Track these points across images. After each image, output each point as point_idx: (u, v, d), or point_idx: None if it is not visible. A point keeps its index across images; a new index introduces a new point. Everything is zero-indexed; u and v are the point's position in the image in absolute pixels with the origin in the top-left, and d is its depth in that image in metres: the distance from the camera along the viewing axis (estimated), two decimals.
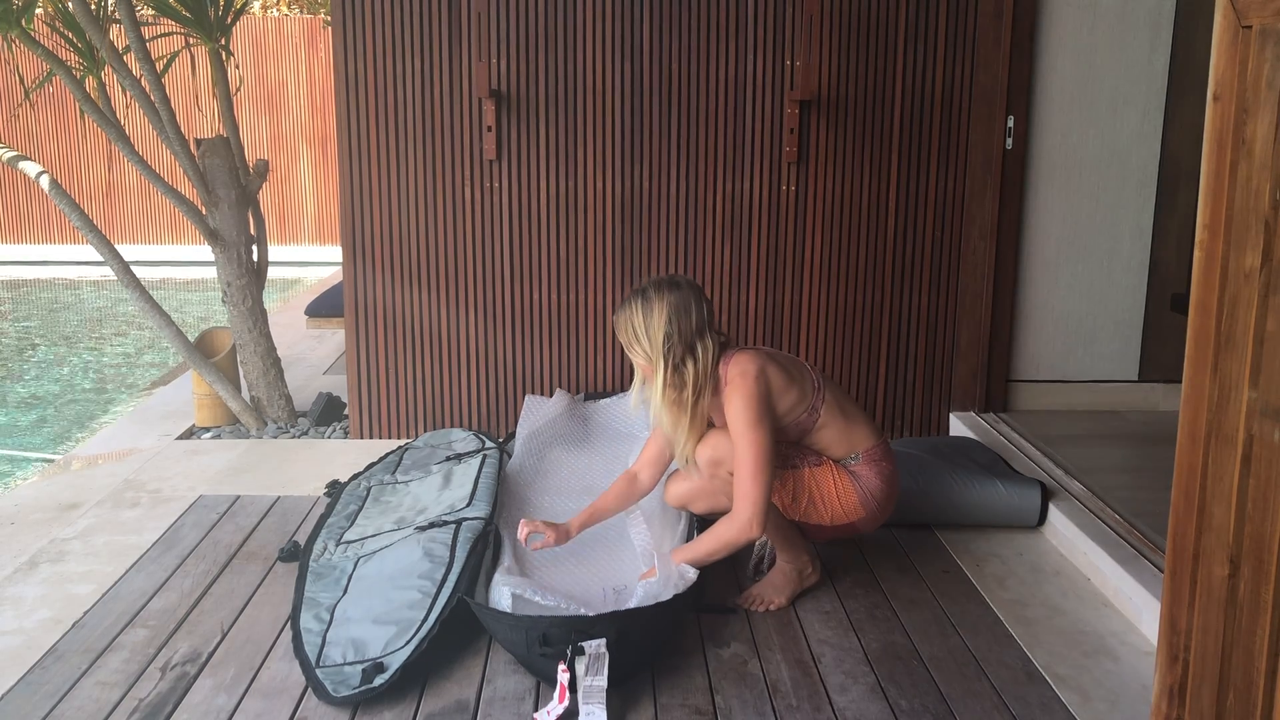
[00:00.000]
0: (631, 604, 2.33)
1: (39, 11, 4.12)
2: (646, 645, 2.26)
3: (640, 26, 3.66)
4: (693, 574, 2.41)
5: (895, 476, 2.62)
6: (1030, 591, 2.70)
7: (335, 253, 9.86)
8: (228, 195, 3.95)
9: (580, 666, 2.10)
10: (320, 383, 4.82)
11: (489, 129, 3.68)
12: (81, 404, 5.75)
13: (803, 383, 2.50)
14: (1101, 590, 2.69)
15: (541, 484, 3.22)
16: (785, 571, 2.64)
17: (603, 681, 2.09)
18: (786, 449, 2.57)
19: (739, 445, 2.38)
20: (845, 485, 2.55)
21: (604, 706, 2.06)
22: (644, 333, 2.41)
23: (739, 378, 2.40)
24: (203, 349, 4.23)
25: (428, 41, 3.66)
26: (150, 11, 4.15)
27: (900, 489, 2.70)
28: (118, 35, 4.07)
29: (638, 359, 2.47)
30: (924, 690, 2.22)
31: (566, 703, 2.07)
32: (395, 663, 2.19)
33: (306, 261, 10.33)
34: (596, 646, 2.11)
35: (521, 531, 2.60)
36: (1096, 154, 3.80)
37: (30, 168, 3.86)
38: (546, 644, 2.12)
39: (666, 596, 2.30)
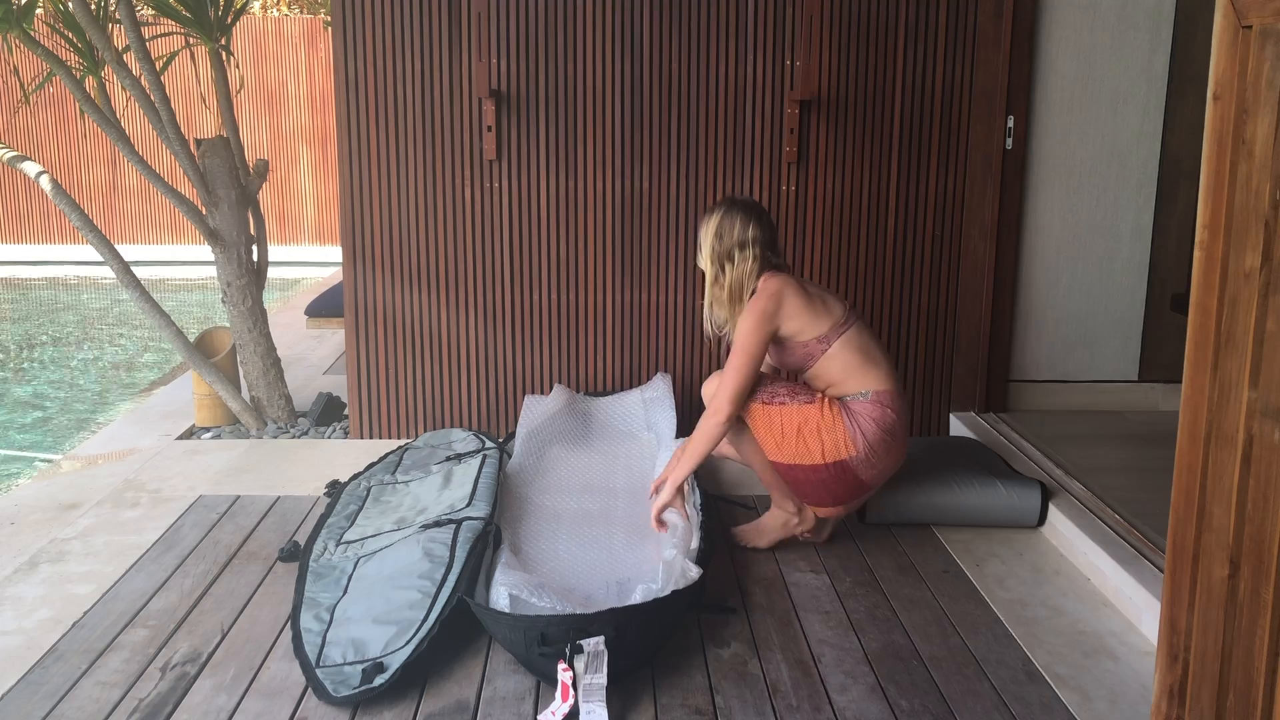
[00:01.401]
0: (632, 600, 2.33)
1: (39, 11, 4.11)
2: (646, 642, 2.26)
3: (640, 26, 3.66)
4: (695, 572, 2.41)
5: (895, 427, 2.71)
6: (1030, 591, 2.70)
7: (335, 253, 9.87)
8: (228, 195, 3.95)
9: (579, 664, 2.10)
10: (320, 383, 4.82)
11: (489, 129, 3.68)
12: (81, 404, 5.75)
13: (824, 314, 2.74)
14: (1101, 590, 2.69)
15: (542, 482, 3.22)
16: (773, 516, 2.90)
17: (602, 679, 2.09)
18: (778, 386, 2.74)
19: (734, 349, 2.72)
20: (833, 419, 2.68)
21: (604, 704, 2.06)
22: (702, 239, 2.83)
23: (759, 293, 2.74)
24: (203, 349, 4.23)
25: (428, 41, 3.66)
26: (150, 11, 4.15)
27: (901, 439, 2.75)
28: (118, 35, 4.07)
29: (699, 262, 2.86)
30: (924, 690, 2.22)
31: (571, 701, 2.07)
32: (395, 663, 2.19)
33: (306, 261, 10.33)
34: (595, 644, 2.11)
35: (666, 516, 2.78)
36: (1096, 154, 3.80)
37: (30, 168, 3.86)
38: (545, 643, 2.12)
39: (666, 593, 2.30)
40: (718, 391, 2.70)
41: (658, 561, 2.60)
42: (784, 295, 2.72)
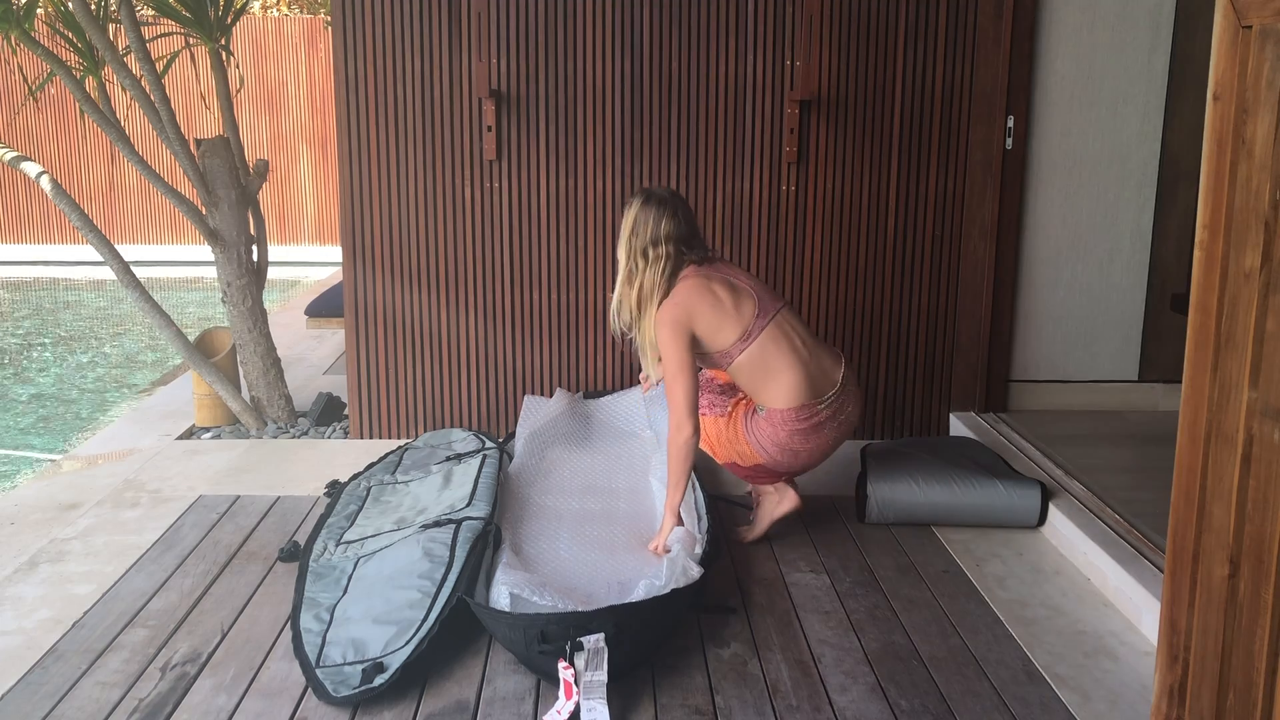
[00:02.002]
0: (635, 597, 2.33)
1: (39, 11, 4.11)
2: (646, 640, 2.26)
3: (640, 26, 3.66)
4: (696, 571, 2.41)
5: (796, 436, 2.73)
6: (1030, 591, 2.70)
7: (335, 253, 9.87)
8: (228, 195, 3.95)
9: (580, 662, 2.10)
10: (320, 383, 4.82)
11: (489, 129, 3.68)
12: (81, 404, 5.75)
13: (731, 324, 2.68)
14: (1101, 590, 2.69)
15: (543, 484, 3.22)
16: (759, 504, 2.97)
17: (603, 676, 2.09)
18: (702, 395, 2.87)
19: (664, 359, 2.68)
20: (736, 432, 2.78)
21: (605, 702, 2.06)
22: (620, 233, 2.77)
23: (668, 302, 2.69)
24: (203, 349, 4.23)
25: (428, 41, 3.66)
26: (150, 11, 4.15)
27: (806, 450, 2.77)
28: (118, 35, 4.07)
29: (618, 253, 2.79)
30: (924, 690, 2.22)
31: (575, 698, 2.07)
32: (395, 662, 2.19)
33: (306, 261, 10.33)
34: (595, 641, 2.11)
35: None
36: (1096, 154, 3.80)
37: (30, 168, 3.86)
38: (545, 641, 2.13)
39: (666, 591, 2.30)
40: (670, 411, 2.67)
41: (661, 559, 2.60)
42: (691, 304, 2.67)
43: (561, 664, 2.09)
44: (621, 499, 3.13)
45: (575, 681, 2.09)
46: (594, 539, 2.84)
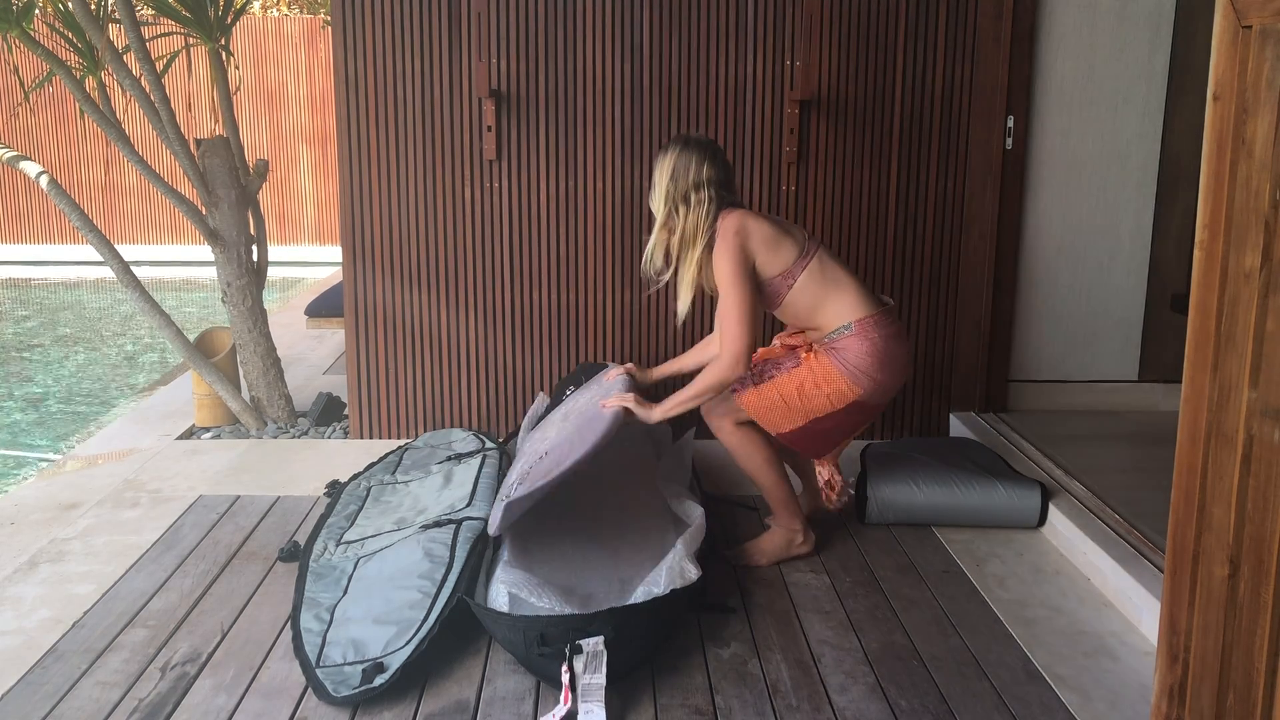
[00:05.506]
0: (633, 600, 2.33)
1: (39, 11, 4.11)
2: (645, 642, 2.26)
3: (640, 26, 3.66)
4: (694, 573, 2.41)
5: (887, 347, 2.63)
6: (1030, 591, 2.70)
7: (335, 253, 9.87)
8: (228, 195, 3.95)
9: (579, 664, 2.10)
10: (320, 383, 4.82)
11: (489, 129, 3.68)
12: (81, 404, 5.75)
13: (788, 246, 2.65)
14: (1101, 590, 2.69)
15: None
16: (775, 537, 2.82)
17: (601, 679, 2.09)
18: (757, 364, 2.74)
19: (724, 298, 2.59)
20: (825, 371, 2.63)
21: (603, 704, 2.06)
22: (656, 179, 2.69)
23: (722, 233, 2.62)
24: (203, 349, 4.23)
25: (428, 41, 3.66)
26: (150, 11, 4.15)
27: (899, 355, 2.66)
28: (118, 35, 4.07)
29: (651, 204, 2.72)
30: (924, 690, 2.22)
31: (569, 704, 2.07)
32: (395, 663, 2.19)
33: (306, 261, 10.34)
34: (594, 644, 2.11)
35: (612, 373, 2.85)
36: (1096, 154, 3.80)
37: (30, 168, 3.86)
38: (544, 643, 2.12)
39: (665, 592, 2.30)
40: (727, 346, 2.56)
41: (661, 560, 2.60)
42: (748, 228, 2.61)
43: (563, 667, 2.10)
44: (626, 491, 3.11)
45: (572, 686, 2.09)
46: (596, 536, 2.84)
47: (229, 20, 4.09)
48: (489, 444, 3.42)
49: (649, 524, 2.93)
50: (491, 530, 2.47)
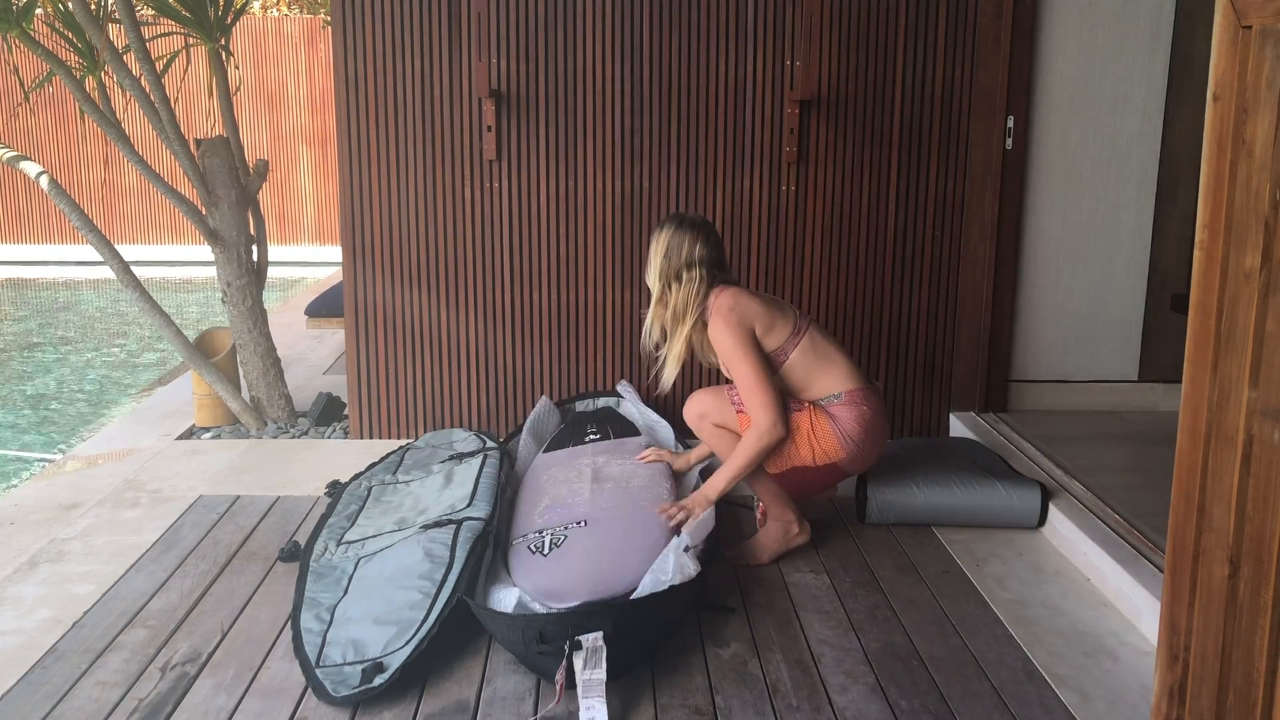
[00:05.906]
0: (639, 592, 2.33)
1: (39, 11, 4.11)
2: (645, 638, 2.26)
3: (640, 26, 3.66)
4: (693, 569, 2.41)
5: (874, 421, 2.76)
6: (1030, 591, 2.70)
7: (335, 253, 9.87)
8: (228, 195, 3.95)
9: (578, 660, 2.10)
10: (320, 383, 4.82)
11: (489, 129, 3.68)
12: (81, 404, 5.75)
13: (780, 321, 2.77)
14: (1101, 590, 2.69)
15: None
16: (772, 531, 2.87)
17: (601, 674, 2.09)
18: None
19: (735, 370, 2.71)
20: (822, 427, 2.73)
21: (604, 700, 2.06)
22: (650, 255, 2.82)
23: (717, 310, 2.75)
24: (203, 349, 4.23)
25: (428, 41, 3.66)
26: (150, 11, 4.15)
27: (882, 430, 2.81)
28: (118, 35, 4.07)
29: (646, 279, 2.86)
30: (924, 690, 2.22)
31: (559, 703, 2.08)
32: (395, 663, 2.19)
33: (306, 261, 10.34)
34: (594, 639, 2.11)
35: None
36: (1096, 154, 3.80)
37: (30, 168, 3.86)
38: (543, 641, 2.13)
39: (664, 588, 2.30)
40: (758, 415, 2.67)
41: (668, 554, 2.59)
42: (741, 304, 2.74)
43: (560, 668, 2.10)
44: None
45: (570, 684, 2.09)
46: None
47: (229, 20, 4.09)
48: (490, 443, 3.41)
49: (653, 520, 2.91)
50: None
